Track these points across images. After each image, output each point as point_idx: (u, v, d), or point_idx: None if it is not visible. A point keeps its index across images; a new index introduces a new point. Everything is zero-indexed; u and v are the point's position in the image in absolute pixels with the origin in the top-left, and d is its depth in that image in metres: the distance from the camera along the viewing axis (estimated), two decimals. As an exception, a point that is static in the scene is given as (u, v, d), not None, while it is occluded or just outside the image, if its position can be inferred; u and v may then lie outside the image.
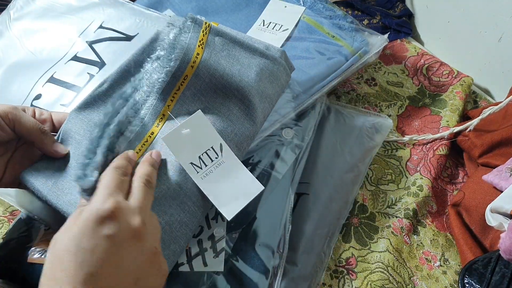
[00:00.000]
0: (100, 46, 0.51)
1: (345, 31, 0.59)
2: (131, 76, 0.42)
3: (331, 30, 0.58)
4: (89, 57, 0.50)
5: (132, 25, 0.53)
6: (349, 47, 0.57)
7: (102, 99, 0.42)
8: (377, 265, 0.49)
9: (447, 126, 0.62)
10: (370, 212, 0.54)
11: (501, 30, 0.62)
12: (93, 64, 0.50)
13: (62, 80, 0.49)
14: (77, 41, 0.52)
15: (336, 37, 0.58)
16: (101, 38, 0.51)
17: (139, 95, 0.41)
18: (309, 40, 0.57)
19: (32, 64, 0.51)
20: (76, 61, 0.50)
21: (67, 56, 0.51)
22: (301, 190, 0.51)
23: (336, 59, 0.55)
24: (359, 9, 0.78)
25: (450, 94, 0.66)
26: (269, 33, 0.58)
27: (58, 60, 0.51)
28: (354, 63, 0.56)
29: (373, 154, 0.58)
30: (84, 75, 0.49)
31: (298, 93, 0.52)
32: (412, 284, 0.48)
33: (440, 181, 0.58)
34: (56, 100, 0.48)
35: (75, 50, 0.51)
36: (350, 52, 0.56)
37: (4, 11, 0.57)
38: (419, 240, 0.52)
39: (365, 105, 0.65)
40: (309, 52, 0.56)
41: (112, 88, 0.42)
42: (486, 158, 0.55)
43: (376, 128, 0.59)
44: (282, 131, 0.50)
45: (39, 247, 0.43)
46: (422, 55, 0.73)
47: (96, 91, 0.42)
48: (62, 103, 0.47)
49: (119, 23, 0.53)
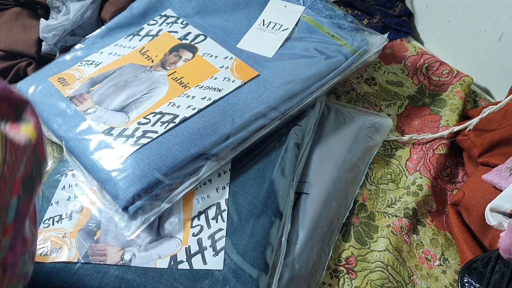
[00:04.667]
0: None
1: (345, 31, 0.58)
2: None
3: (331, 29, 0.58)
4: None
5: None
6: (349, 46, 0.57)
7: None
8: (377, 264, 0.49)
9: (446, 125, 0.62)
10: (370, 211, 0.54)
11: (501, 30, 0.62)
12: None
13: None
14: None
15: (336, 36, 0.58)
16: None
17: None
18: (309, 39, 0.58)
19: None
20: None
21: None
22: (301, 189, 0.51)
23: (336, 58, 0.55)
24: (359, 9, 0.78)
25: (450, 94, 0.66)
26: (269, 33, 0.58)
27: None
28: (353, 62, 0.56)
29: (373, 154, 0.58)
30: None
31: (297, 91, 0.52)
32: (412, 283, 0.48)
33: (440, 180, 0.59)
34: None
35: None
36: (350, 51, 0.56)
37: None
38: (418, 239, 0.52)
39: (364, 105, 0.65)
40: (309, 51, 0.56)
41: None
42: (485, 157, 0.55)
43: (376, 127, 0.59)
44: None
45: (40, 246, 0.43)
46: (422, 54, 0.73)
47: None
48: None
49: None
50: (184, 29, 0.59)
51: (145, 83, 0.52)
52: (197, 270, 0.42)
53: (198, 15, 0.61)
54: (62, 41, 0.65)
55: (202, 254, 0.43)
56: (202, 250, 0.43)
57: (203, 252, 0.43)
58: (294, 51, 0.56)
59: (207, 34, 0.58)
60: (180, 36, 0.58)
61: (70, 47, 0.65)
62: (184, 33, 0.59)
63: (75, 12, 0.65)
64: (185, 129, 0.47)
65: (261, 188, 0.47)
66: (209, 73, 0.53)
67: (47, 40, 0.64)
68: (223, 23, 0.60)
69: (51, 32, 0.63)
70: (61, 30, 0.64)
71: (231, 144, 0.47)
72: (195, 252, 0.43)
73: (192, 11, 0.62)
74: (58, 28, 0.63)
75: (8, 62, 0.64)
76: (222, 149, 0.47)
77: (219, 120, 0.48)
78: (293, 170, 0.50)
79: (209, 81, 0.52)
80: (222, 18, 0.61)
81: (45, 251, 0.43)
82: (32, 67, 0.64)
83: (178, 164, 0.45)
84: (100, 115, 0.49)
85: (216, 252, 0.43)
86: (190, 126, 0.47)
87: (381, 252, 0.50)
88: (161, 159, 0.45)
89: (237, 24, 0.60)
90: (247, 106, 0.49)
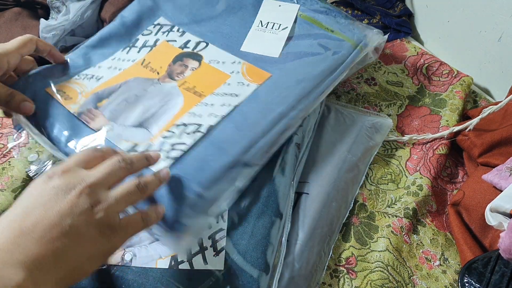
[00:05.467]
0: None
1: (343, 25, 0.58)
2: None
3: (330, 25, 0.58)
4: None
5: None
6: (350, 40, 0.56)
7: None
8: (377, 264, 0.49)
9: (446, 125, 0.62)
10: (370, 211, 0.54)
11: (501, 30, 0.62)
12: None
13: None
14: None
15: (336, 31, 0.58)
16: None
17: None
18: (311, 36, 0.57)
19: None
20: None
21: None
22: (301, 189, 0.51)
23: (341, 53, 0.55)
24: (359, 9, 0.78)
25: (450, 94, 0.66)
26: (270, 33, 0.58)
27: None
28: (357, 55, 0.56)
29: (373, 154, 0.58)
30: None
31: (311, 88, 0.52)
32: (412, 283, 0.49)
33: (440, 180, 0.59)
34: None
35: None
36: (351, 45, 0.56)
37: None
38: (419, 239, 0.52)
39: (364, 105, 0.65)
40: (314, 48, 0.56)
41: None
42: (486, 157, 0.55)
43: (376, 127, 0.59)
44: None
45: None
46: (422, 54, 0.73)
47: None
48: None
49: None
50: (182, 37, 0.58)
51: (157, 96, 0.51)
52: (198, 270, 0.42)
53: (194, 22, 0.60)
54: (62, 41, 0.65)
55: (202, 254, 0.43)
56: (202, 250, 0.43)
57: (203, 252, 0.43)
58: (299, 49, 0.56)
59: (207, 40, 0.57)
60: (180, 45, 0.57)
61: (70, 47, 0.65)
62: (183, 41, 0.57)
63: (75, 12, 0.65)
64: (214, 137, 0.45)
65: (261, 188, 0.47)
66: (221, 79, 0.52)
67: (47, 40, 0.64)
68: (220, 28, 0.59)
69: (51, 32, 0.63)
70: (61, 30, 0.64)
71: (262, 148, 0.46)
72: (196, 252, 0.43)
73: (187, 19, 0.60)
74: (58, 28, 0.63)
75: (8, 62, 0.64)
76: (254, 154, 0.45)
77: (244, 125, 0.47)
78: (293, 170, 0.50)
79: (224, 88, 0.51)
80: (219, 23, 0.60)
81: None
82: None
83: (216, 175, 0.43)
84: (119, 133, 0.47)
85: (217, 252, 0.43)
86: (218, 134, 0.46)
87: (381, 252, 0.50)
88: (198, 171, 0.43)
89: (235, 28, 0.59)
90: (268, 108, 0.48)
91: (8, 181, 0.54)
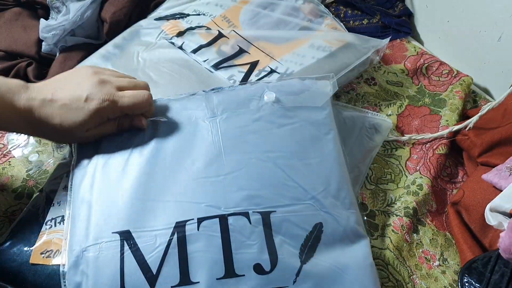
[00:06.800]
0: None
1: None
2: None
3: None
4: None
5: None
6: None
7: None
8: (376, 262, 0.49)
9: (446, 125, 0.62)
10: (370, 210, 0.54)
11: (500, 30, 0.62)
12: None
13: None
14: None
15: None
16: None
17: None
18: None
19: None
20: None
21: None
22: (301, 189, 0.51)
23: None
24: (359, 9, 0.78)
25: (450, 94, 0.66)
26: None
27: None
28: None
29: (374, 155, 0.58)
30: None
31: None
32: (411, 283, 0.49)
33: (440, 180, 0.59)
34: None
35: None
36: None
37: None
38: (418, 239, 0.52)
39: (364, 105, 0.65)
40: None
41: None
42: (485, 157, 0.55)
43: (376, 128, 0.59)
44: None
45: (42, 248, 0.43)
46: (421, 54, 0.73)
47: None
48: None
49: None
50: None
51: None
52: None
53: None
54: (62, 41, 0.65)
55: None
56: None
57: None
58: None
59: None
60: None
61: (70, 47, 0.65)
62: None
63: (75, 12, 0.65)
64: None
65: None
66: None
67: (47, 40, 0.64)
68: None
69: (51, 32, 0.63)
70: (61, 30, 0.64)
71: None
72: None
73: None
74: (58, 28, 0.63)
75: (8, 62, 0.64)
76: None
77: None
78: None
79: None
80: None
81: (47, 254, 0.43)
82: (32, 67, 0.64)
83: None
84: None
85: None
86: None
87: (382, 251, 0.50)
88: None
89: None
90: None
91: (8, 181, 0.54)
